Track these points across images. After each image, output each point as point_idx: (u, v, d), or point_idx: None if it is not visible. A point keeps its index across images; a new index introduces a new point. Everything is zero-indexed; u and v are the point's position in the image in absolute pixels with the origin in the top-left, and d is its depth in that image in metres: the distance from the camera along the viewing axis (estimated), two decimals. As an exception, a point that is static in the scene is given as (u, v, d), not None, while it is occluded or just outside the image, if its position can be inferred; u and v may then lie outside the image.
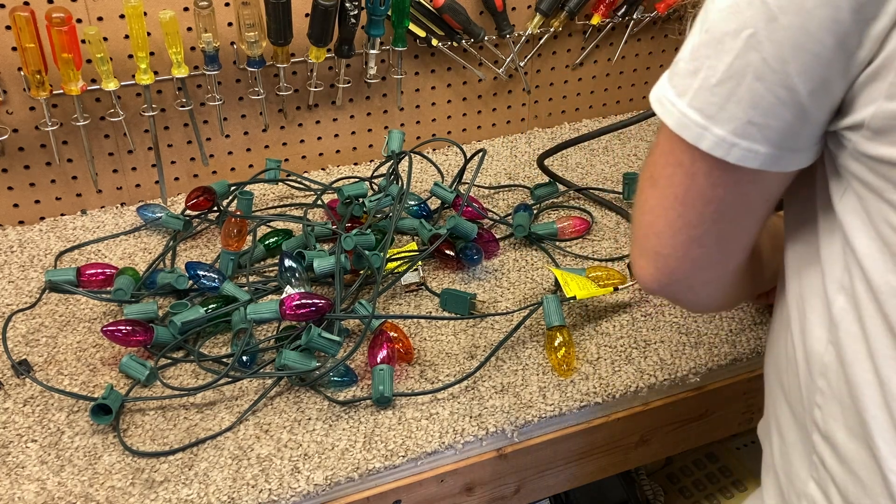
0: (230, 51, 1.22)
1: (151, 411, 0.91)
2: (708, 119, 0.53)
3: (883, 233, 0.51)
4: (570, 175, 1.34)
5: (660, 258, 0.61)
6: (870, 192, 0.52)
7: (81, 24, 1.12)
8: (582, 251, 1.16)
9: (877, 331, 0.53)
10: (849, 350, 0.55)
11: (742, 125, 0.52)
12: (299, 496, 0.82)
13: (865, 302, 0.53)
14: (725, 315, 1.05)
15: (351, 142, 1.38)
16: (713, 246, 0.59)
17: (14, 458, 0.85)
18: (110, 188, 1.25)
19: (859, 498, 0.56)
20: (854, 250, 0.53)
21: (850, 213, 0.53)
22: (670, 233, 0.59)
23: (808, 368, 0.58)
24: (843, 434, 0.57)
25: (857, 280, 0.54)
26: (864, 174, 0.52)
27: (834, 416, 0.57)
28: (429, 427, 0.89)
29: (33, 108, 1.15)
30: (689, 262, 0.60)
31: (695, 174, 0.55)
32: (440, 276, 1.11)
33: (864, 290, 0.53)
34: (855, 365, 0.55)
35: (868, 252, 0.52)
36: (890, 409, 0.52)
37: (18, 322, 1.03)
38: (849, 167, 0.53)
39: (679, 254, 0.60)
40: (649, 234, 0.60)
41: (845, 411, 0.56)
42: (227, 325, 1.01)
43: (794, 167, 0.54)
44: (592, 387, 0.94)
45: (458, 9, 1.28)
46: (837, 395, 0.56)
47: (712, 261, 0.61)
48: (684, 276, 0.61)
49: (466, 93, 1.41)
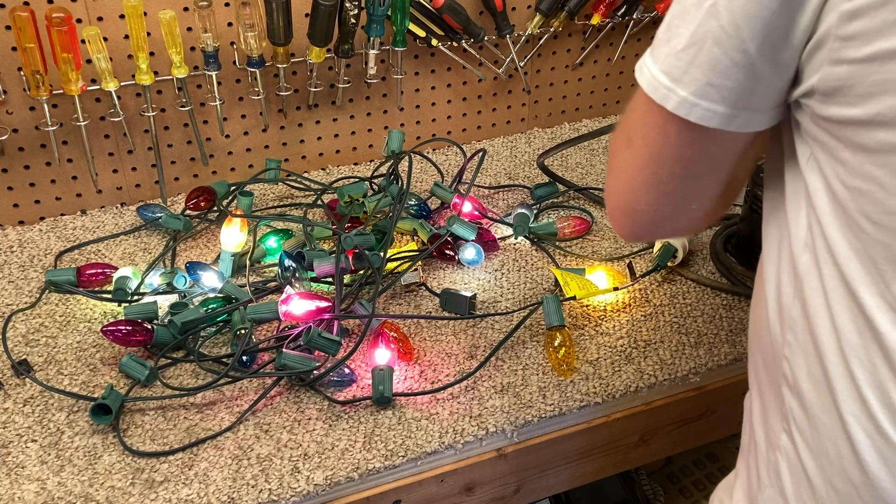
0: (230, 51, 1.22)
1: (151, 411, 0.91)
2: (674, 81, 0.59)
3: (836, 190, 0.57)
4: (570, 175, 1.34)
5: (636, 214, 0.68)
6: (826, 153, 0.57)
7: (81, 24, 1.12)
8: (582, 251, 1.16)
9: (833, 283, 0.58)
10: (811, 304, 0.60)
11: (702, 87, 0.58)
12: (299, 496, 0.82)
13: (824, 257, 0.59)
14: (725, 315, 1.05)
15: (351, 142, 1.38)
16: (682, 200, 0.66)
17: (14, 458, 0.86)
18: (110, 188, 1.25)
19: (822, 442, 0.61)
20: (815, 208, 0.59)
21: (813, 174, 0.59)
22: (644, 190, 0.65)
23: (780, 324, 0.64)
24: (807, 384, 0.61)
25: (817, 237, 0.59)
26: (821, 136, 0.57)
27: (800, 366, 0.62)
28: (429, 427, 0.89)
29: (33, 108, 1.15)
30: (660, 215, 0.68)
31: (667, 135, 0.61)
32: (440, 276, 1.11)
33: (822, 246, 0.59)
34: (816, 317, 0.60)
35: (826, 210, 0.58)
36: (845, 356, 0.57)
37: (18, 322, 1.03)
38: (809, 131, 0.59)
39: (652, 209, 0.67)
40: (625, 191, 0.67)
41: (809, 361, 0.61)
42: (227, 325, 1.01)
43: (750, 128, 0.60)
44: (592, 387, 0.94)
45: (458, 9, 1.28)
46: (803, 347, 0.61)
47: (682, 211, 0.68)
48: (657, 226, 0.70)
49: (466, 93, 1.41)
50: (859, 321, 0.57)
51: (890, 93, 0.51)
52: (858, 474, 0.58)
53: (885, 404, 0.56)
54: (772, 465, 0.67)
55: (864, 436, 0.57)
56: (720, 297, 1.08)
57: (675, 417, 1.00)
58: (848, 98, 0.54)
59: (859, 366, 0.57)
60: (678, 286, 1.10)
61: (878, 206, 0.54)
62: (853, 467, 0.58)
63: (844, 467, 0.59)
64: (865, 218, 0.55)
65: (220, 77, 1.22)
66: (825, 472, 0.61)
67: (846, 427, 0.58)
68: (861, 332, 0.57)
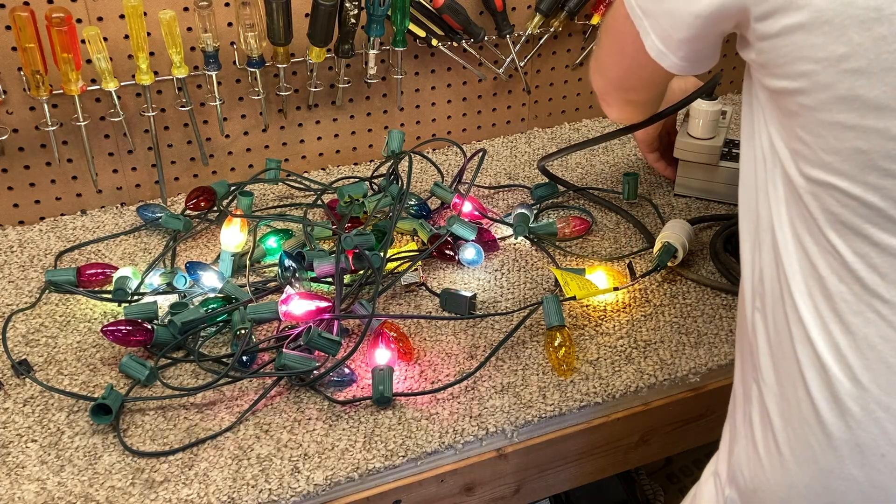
0: (230, 51, 1.22)
1: (151, 411, 0.91)
2: (643, 13, 0.75)
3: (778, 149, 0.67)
4: (570, 175, 1.34)
5: (608, 80, 0.96)
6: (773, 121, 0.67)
7: (81, 24, 1.12)
8: (582, 251, 1.16)
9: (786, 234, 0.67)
10: (774, 255, 0.68)
11: (654, 21, 0.74)
12: (299, 496, 0.82)
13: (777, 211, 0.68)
14: (725, 315, 1.05)
15: (351, 142, 1.38)
16: (637, 84, 0.95)
17: (14, 458, 0.86)
18: (110, 188, 1.25)
19: (782, 387, 0.68)
20: (766, 168, 0.69)
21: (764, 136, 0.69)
22: (615, 64, 0.91)
23: (752, 275, 0.72)
24: (772, 329, 0.69)
25: (770, 192, 0.69)
26: (767, 104, 0.67)
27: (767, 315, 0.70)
28: (429, 427, 0.89)
29: (33, 108, 1.15)
30: (622, 85, 0.96)
31: (628, 37, 0.79)
32: (440, 276, 1.11)
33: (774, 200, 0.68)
34: (777, 266, 0.68)
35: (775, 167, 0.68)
36: (795, 301, 0.65)
37: (18, 322, 1.03)
38: (760, 99, 0.69)
39: (616, 77, 0.94)
40: (606, 62, 0.93)
41: (775, 308, 0.68)
42: (227, 325, 1.01)
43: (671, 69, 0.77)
44: (592, 387, 0.94)
45: (458, 9, 1.28)
46: (770, 294, 0.69)
47: (634, 88, 0.97)
48: (620, 90, 0.98)
49: (466, 93, 1.41)
50: (806, 268, 0.65)
51: (799, 61, 0.60)
52: (811, 413, 0.64)
53: (830, 344, 0.63)
54: (746, 416, 0.73)
55: (814, 375, 0.64)
56: (720, 297, 1.08)
57: (675, 417, 1.00)
58: (772, 69, 0.64)
59: (807, 310, 0.65)
60: (678, 286, 1.10)
61: (807, 162, 0.63)
62: (807, 407, 0.65)
63: (800, 408, 0.65)
64: (799, 173, 0.64)
65: (220, 77, 1.23)
66: (785, 415, 0.67)
67: (801, 368, 0.65)
68: (807, 278, 0.65)
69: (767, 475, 0.69)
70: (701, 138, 1.23)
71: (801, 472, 0.66)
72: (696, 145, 1.23)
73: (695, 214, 1.24)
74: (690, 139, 1.23)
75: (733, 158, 1.25)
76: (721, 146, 1.23)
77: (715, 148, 1.22)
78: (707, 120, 1.21)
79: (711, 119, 1.21)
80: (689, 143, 1.23)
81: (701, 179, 1.26)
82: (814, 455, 0.65)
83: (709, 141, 1.23)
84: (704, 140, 1.23)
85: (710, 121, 1.21)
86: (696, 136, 1.23)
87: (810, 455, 0.65)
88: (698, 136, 1.23)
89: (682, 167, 1.27)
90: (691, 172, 1.26)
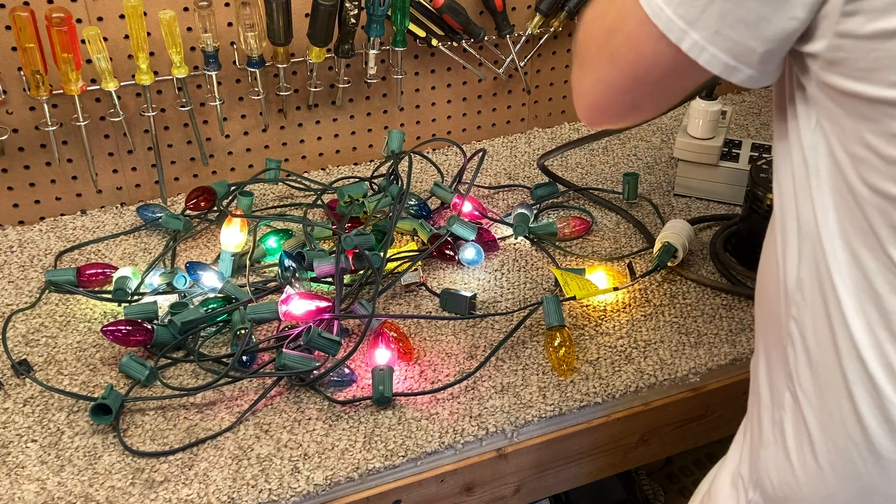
0: (230, 51, 1.22)
1: (151, 411, 0.91)
2: (688, 24, 0.62)
3: (837, 156, 0.61)
4: (570, 175, 1.34)
5: (605, 115, 0.76)
6: (829, 119, 0.61)
7: (81, 24, 1.12)
8: (582, 251, 1.16)
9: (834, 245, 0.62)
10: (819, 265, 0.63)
11: (712, 34, 0.62)
12: (299, 496, 0.82)
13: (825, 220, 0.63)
14: (725, 315, 1.05)
15: (351, 142, 1.38)
16: (647, 109, 0.76)
17: (14, 458, 0.86)
18: (110, 188, 1.25)
19: (824, 400, 0.64)
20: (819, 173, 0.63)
21: (819, 139, 0.63)
22: (620, 101, 0.73)
23: (788, 284, 0.67)
24: (813, 342, 0.65)
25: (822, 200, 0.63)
26: (826, 102, 0.61)
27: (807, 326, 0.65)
28: (429, 427, 0.89)
29: (33, 108, 1.15)
30: (625, 117, 0.77)
31: (657, 64, 0.66)
32: (440, 276, 1.11)
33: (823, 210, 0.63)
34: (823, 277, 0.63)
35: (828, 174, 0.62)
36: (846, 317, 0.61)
37: (18, 322, 1.03)
38: (815, 97, 0.62)
39: (621, 113, 0.75)
40: (601, 100, 0.74)
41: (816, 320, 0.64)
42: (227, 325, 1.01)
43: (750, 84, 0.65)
44: (592, 387, 0.94)
45: (458, 9, 1.28)
46: (811, 306, 0.65)
47: (642, 115, 0.78)
48: (620, 121, 0.79)
49: (466, 93, 1.41)
50: (860, 283, 0.60)
51: (890, 69, 0.54)
52: (858, 431, 0.61)
53: (883, 364, 0.60)
54: (776, 423, 0.70)
55: (864, 393, 0.60)
56: (720, 297, 1.08)
57: (674, 417, 1.00)
58: (849, 70, 0.57)
59: (859, 326, 0.61)
60: (678, 286, 1.10)
61: (876, 173, 0.57)
62: (853, 424, 0.61)
63: (845, 424, 0.62)
64: (863, 183, 0.58)
65: (220, 77, 1.22)
66: (826, 429, 0.64)
67: (848, 385, 0.61)
68: (860, 293, 0.60)
69: (801, 485, 0.67)
70: (701, 138, 1.23)
71: (840, 486, 0.64)
72: (695, 145, 1.23)
73: (695, 214, 1.24)
74: (690, 139, 1.23)
75: (733, 158, 1.25)
76: (721, 146, 1.23)
77: (715, 148, 1.22)
78: (707, 120, 1.21)
79: (711, 119, 1.21)
80: (689, 143, 1.23)
81: (701, 179, 1.26)
82: (857, 471, 0.63)
83: (709, 141, 1.23)
84: (704, 140, 1.23)
85: (710, 121, 1.21)
86: (696, 136, 1.23)
87: (853, 471, 0.63)
88: (698, 136, 1.23)
89: (682, 167, 1.27)
90: (691, 172, 1.26)
